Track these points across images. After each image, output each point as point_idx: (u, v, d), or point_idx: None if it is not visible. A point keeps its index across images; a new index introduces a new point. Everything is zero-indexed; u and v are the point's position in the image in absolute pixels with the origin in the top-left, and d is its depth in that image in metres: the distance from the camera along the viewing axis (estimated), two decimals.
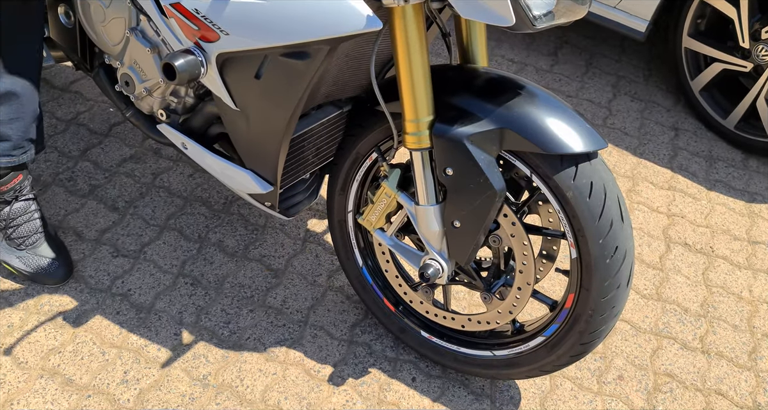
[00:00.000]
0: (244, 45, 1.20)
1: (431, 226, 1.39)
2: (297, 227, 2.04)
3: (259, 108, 1.33)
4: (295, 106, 1.28)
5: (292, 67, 1.22)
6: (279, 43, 1.17)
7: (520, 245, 1.39)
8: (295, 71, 1.23)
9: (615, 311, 1.38)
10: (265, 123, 1.35)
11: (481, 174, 1.29)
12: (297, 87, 1.25)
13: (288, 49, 1.19)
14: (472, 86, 1.33)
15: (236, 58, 1.28)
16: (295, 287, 1.88)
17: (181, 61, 1.24)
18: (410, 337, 1.71)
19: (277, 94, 1.28)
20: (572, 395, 1.72)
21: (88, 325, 1.71)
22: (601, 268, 1.32)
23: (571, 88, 2.77)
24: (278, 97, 1.28)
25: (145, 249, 1.91)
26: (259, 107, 1.33)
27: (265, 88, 1.28)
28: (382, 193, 1.46)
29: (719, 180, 2.44)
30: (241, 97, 1.34)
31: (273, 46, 1.18)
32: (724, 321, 1.96)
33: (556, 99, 1.31)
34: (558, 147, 1.24)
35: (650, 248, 2.15)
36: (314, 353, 1.73)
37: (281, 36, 1.15)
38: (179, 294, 1.82)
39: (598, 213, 1.29)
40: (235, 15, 1.17)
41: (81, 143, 2.19)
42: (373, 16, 1.11)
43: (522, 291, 1.45)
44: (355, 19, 1.10)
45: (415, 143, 1.31)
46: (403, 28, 1.22)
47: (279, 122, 1.33)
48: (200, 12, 1.20)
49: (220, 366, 1.67)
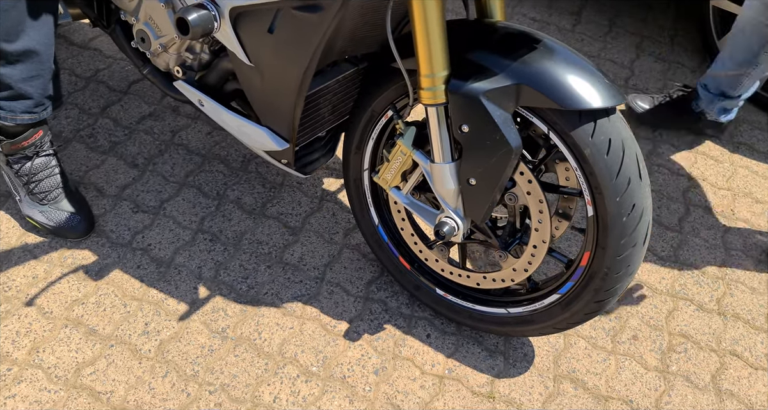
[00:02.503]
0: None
1: (447, 184, 1.39)
2: (314, 185, 2.05)
3: (273, 64, 1.32)
4: (309, 61, 1.28)
5: (305, 21, 1.21)
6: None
7: (535, 203, 1.39)
8: (307, 25, 1.21)
9: (630, 269, 1.38)
10: (278, 79, 1.35)
11: (496, 131, 1.28)
12: (310, 41, 1.24)
13: (301, 2, 1.18)
14: (489, 41, 1.32)
15: (249, 13, 1.27)
16: (311, 245, 1.90)
17: (194, 15, 1.24)
18: (425, 295, 1.72)
19: (290, 49, 1.27)
20: (586, 353, 1.73)
21: (110, 278, 1.75)
22: (617, 226, 1.31)
23: (593, 48, 2.72)
24: (291, 52, 1.27)
25: (164, 205, 1.94)
26: (273, 62, 1.32)
27: (278, 42, 1.28)
28: (398, 151, 1.45)
29: (743, 142, 2.40)
30: (254, 52, 1.33)
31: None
32: (742, 283, 1.95)
33: (574, 54, 1.29)
34: (576, 103, 1.23)
35: (669, 211, 2.13)
36: (330, 308, 1.75)
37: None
38: (198, 250, 1.84)
39: (616, 171, 1.27)
40: None
41: (101, 100, 2.21)
42: None
43: (537, 249, 1.45)
44: None
45: (430, 98, 1.30)
46: None
47: (293, 78, 1.32)
48: None
49: (239, 319, 1.71)
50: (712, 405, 1.66)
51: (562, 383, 1.67)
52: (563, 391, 1.65)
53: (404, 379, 1.63)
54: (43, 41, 1.63)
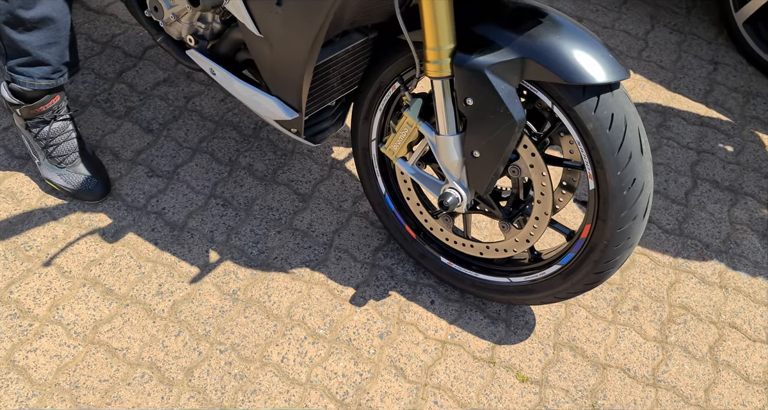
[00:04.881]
0: None
1: (451, 156, 1.42)
2: (324, 153, 2.09)
3: (282, 35, 1.35)
4: (317, 32, 1.30)
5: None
6: None
7: (538, 175, 1.41)
8: None
9: (630, 242, 1.41)
10: (287, 50, 1.37)
11: (501, 104, 1.30)
12: (317, 13, 1.26)
13: None
14: (496, 15, 1.33)
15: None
16: (321, 212, 1.94)
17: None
18: (430, 262, 1.77)
19: (298, 21, 1.29)
20: (586, 323, 1.77)
21: (126, 240, 1.81)
22: (618, 199, 1.34)
23: (607, 18, 2.70)
24: (299, 24, 1.30)
25: (178, 170, 1.98)
26: (282, 33, 1.34)
27: (286, 14, 1.30)
28: (404, 122, 1.48)
29: (755, 117, 2.39)
30: (264, 23, 1.36)
31: None
32: (745, 257, 1.97)
33: (580, 28, 1.30)
34: (579, 77, 1.24)
35: (676, 184, 2.14)
36: (338, 274, 1.81)
37: None
38: (211, 214, 1.89)
39: (618, 145, 1.29)
40: None
41: (116, 65, 2.24)
42: None
43: (539, 221, 1.48)
44: None
45: (436, 71, 1.32)
46: None
47: (301, 49, 1.35)
48: None
49: (249, 282, 1.76)
50: (708, 375, 1.71)
51: (561, 350, 1.72)
52: (562, 358, 1.70)
53: (408, 343, 1.69)
54: (59, 8, 1.66)
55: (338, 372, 1.62)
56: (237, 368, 1.60)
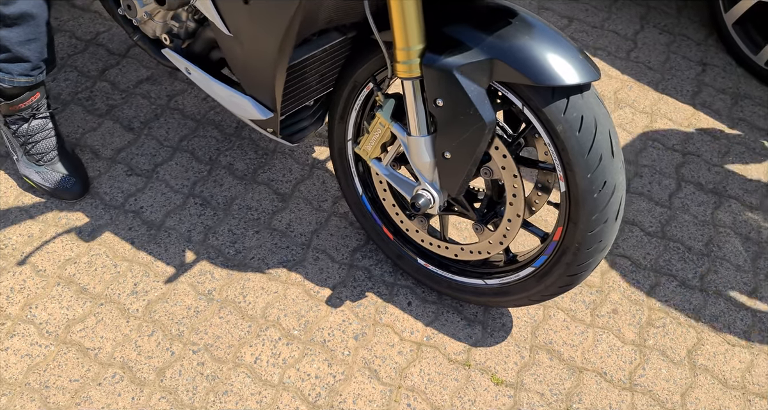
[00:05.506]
0: None
1: (422, 157, 1.41)
2: (305, 153, 2.08)
3: (251, 34, 1.34)
4: (285, 31, 1.29)
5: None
6: None
7: (510, 177, 1.40)
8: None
9: (602, 245, 1.40)
10: (257, 49, 1.36)
11: (470, 105, 1.29)
12: (284, 13, 1.25)
13: None
14: (467, 15, 1.31)
15: None
16: (300, 212, 1.93)
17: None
18: (407, 264, 1.76)
19: (266, 21, 1.28)
20: (564, 325, 1.76)
21: (102, 239, 1.80)
22: (588, 202, 1.33)
23: (597, 18, 2.68)
24: (267, 24, 1.29)
25: (157, 169, 1.98)
26: (250, 33, 1.34)
27: (253, 13, 1.29)
28: (377, 123, 1.47)
29: (743, 119, 2.38)
30: (232, 22, 1.35)
31: None
32: (727, 260, 1.96)
33: (551, 29, 1.29)
34: (548, 79, 1.23)
35: (660, 186, 2.13)
36: (315, 275, 1.80)
37: None
38: (189, 213, 1.89)
39: (588, 147, 1.28)
40: None
41: (99, 63, 2.23)
42: None
43: (512, 223, 1.47)
44: None
45: (405, 72, 1.31)
46: None
47: (271, 49, 1.34)
48: None
49: (225, 282, 1.75)
50: (685, 379, 1.69)
51: (538, 353, 1.70)
52: (538, 361, 1.69)
53: (383, 345, 1.68)
54: (38, 4, 1.65)
55: (311, 373, 1.61)
56: (209, 369, 1.60)
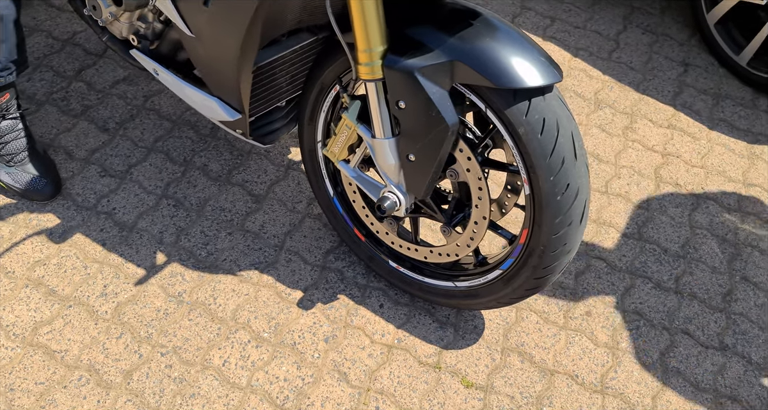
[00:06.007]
0: None
1: (387, 159, 1.40)
2: (281, 153, 2.07)
3: (212, 36, 1.33)
4: (246, 34, 1.28)
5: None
6: None
7: (475, 180, 1.39)
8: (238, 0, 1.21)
9: (567, 248, 1.39)
10: (219, 51, 1.35)
11: (432, 107, 1.28)
12: (244, 15, 1.24)
13: None
14: (431, 16, 1.30)
15: None
16: (274, 213, 1.92)
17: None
18: (379, 266, 1.75)
19: (225, 23, 1.27)
20: (536, 328, 1.75)
21: (73, 240, 1.79)
22: (552, 205, 1.32)
23: (579, 18, 2.67)
24: (227, 25, 1.28)
25: (131, 170, 1.97)
26: (211, 34, 1.33)
27: (212, 15, 1.28)
28: (343, 124, 1.46)
29: (723, 119, 2.36)
30: (194, 23, 1.34)
31: None
32: (703, 262, 1.95)
33: (514, 30, 1.28)
34: (509, 81, 1.22)
35: (639, 188, 2.12)
36: (287, 277, 1.79)
37: None
38: (161, 215, 1.88)
39: (550, 150, 1.27)
40: None
41: (76, 63, 2.22)
42: None
43: (479, 226, 1.46)
44: None
45: (368, 73, 1.30)
46: None
47: (232, 51, 1.32)
48: None
49: (196, 284, 1.75)
50: (656, 381, 1.68)
51: (509, 356, 1.70)
52: (509, 364, 1.68)
53: (353, 347, 1.67)
54: (7, 5, 1.64)
55: (280, 376, 1.60)
56: (177, 371, 1.59)
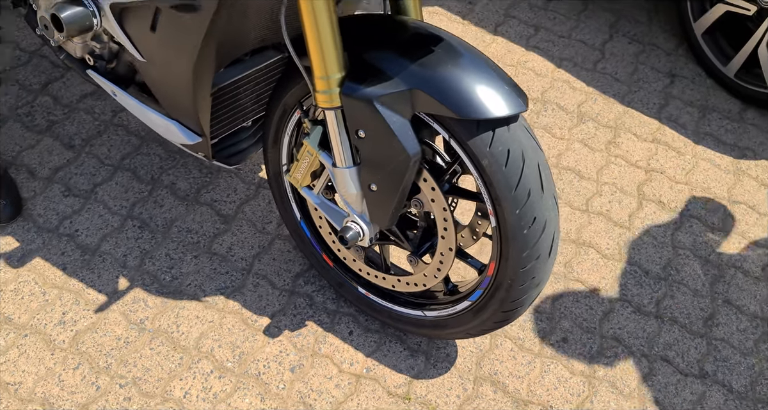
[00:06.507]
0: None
1: (349, 188, 1.34)
2: (252, 171, 2.01)
3: (163, 61, 1.27)
4: (198, 58, 1.22)
5: (183, 21, 1.15)
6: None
7: (440, 210, 1.33)
8: (186, 25, 1.15)
9: (536, 281, 1.33)
10: (171, 76, 1.29)
11: (392, 137, 1.22)
12: (191, 41, 1.18)
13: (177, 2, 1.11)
14: (393, 41, 1.24)
15: (131, 9, 1.20)
16: (243, 234, 1.86)
17: (68, 12, 1.18)
18: (348, 292, 1.69)
19: (174, 48, 1.21)
20: (511, 355, 1.70)
21: (32, 264, 1.73)
22: (518, 239, 1.26)
23: (564, 27, 2.60)
24: (177, 51, 1.22)
25: (96, 189, 1.91)
26: (162, 59, 1.26)
27: (161, 41, 1.22)
28: (305, 151, 1.40)
29: (709, 133, 2.30)
30: (144, 48, 1.28)
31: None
32: (685, 285, 1.89)
33: (477, 57, 1.22)
34: (471, 111, 1.16)
35: (621, 205, 2.06)
36: (254, 302, 1.73)
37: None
38: (126, 237, 1.82)
39: (515, 183, 1.21)
40: None
41: (42, 76, 2.16)
42: None
43: (445, 256, 1.40)
44: None
45: (326, 102, 1.24)
46: None
47: (185, 76, 1.26)
48: None
49: (159, 310, 1.69)
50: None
51: (482, 385, 1.64)
52: (482, 394, 1.62)
53: (320, 377, 1.61)
54: None
55: (243, 409, 1.55)
56: (136, 404, 1.53)
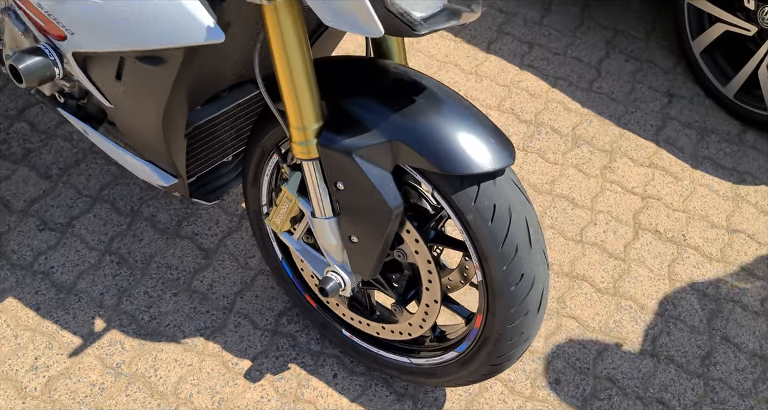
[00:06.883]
0: (92, 46, 1.07)
1: (328, 239, 1.28)
2: (235, 201, 1.94)
3: (130, 109, 1.20)
4: (166, 105, 1.15)
5: (150, 72, 1.08)
6: (122, 48, 1.03)
7: (424, 263, 1.27)
8: (153, 76, 1.09)
9: (524, 336, 1.27)
10: (141, 122, 1.23)
11: (373, 190, 1.15)
12: (159, 91, 1.11)
13: (138, 54, 1.05)
14: (373, 88, 1.18)
15: (95, 57, 1.14)
16: (224, 270, 1.80)
17: (26, 63, 1.12)
18: (332, 334, 1.63)
19: (142, 97, 1.15)
20: (501, 399, 1.64)
21: (4, 305, 1.67)
22: (505, 295, 1.20)
23: (560, 44, 2.53)
24: (144, 100, 1.15)
25: (73, 222, 1.84)
26: (130, 107, 1.20)
27: (128, 90, 1.15)
28: (284, 197, 1.34)
29: (708, 157, 2.24)
30: (110, 96, 1.21)
31: (119, 50, 1.04)
32: (681, 321, 1.83)
33: (462, 105, 1.15)
34: (455, 167, 1.10)
35: (615, 236, 1.99)
36: (235, 343, 1.67)
37: (123, 41, 1.01)
38: (103, 274, 1.75)
39: (502, 239, 1.15)
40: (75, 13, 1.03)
41: (19, 101, 2.09)
42: (213, 27, 0.95)
43: (430, 308, 1.34)
44: (193, 29, 0.95)
45: (303, 153, 1.18)
46: (277, 26, 1.06)
47: (154, 123, 1.20)
48: (43, 7, 1.06)
49: (136, 353, 1.63)
50: None
51: None
52: None
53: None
54: None
55: None
56: None
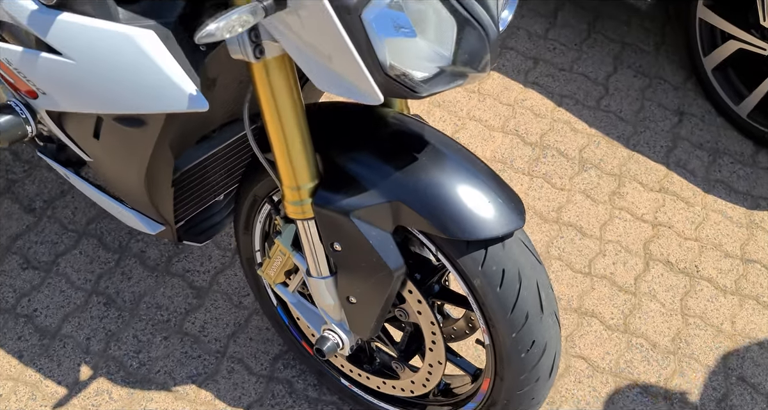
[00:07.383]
0: (66, 107, 0.98)
1: (325, 299, 1.20)
2: (228, 235, 1.86)
3: (110, 166, 1.12)
4: (148, 165, 1.07)
5: (130, 133, 1.00)
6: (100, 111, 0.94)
7: (427, 324, 1.19)
8: (133, 137, 1.00)
9: (534, 401, 1.19)
10: (123, 178, 1.14)
11: (372, 252, 1.07)
12: (141, 151, 1.03)
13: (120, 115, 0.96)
14: (371, 141, 1.09)
15: (71, 114, 1.05)
16: (217, 310, 1.72)
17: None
18: (329, 382, 1.55)
19: (121, 156, 1.07)
20: None
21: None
22: (515, 362, 1.12)
23: (565, 59, 2.44)
24: (124, 159, 1.07)
25: (58, 260, 1.76)
26: (109, 164, 1.11)
27: (106, 148, 1.07)
28: (277, 250, 1.25)
29: (720, 180, 2.15)
30: (89, 151, 1.13)
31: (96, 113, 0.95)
32: (695, 359, 1.75)
33: (469, 162, 1.07)
34: (461, 232, 1.01)
35: (625, 267, 1.91)
36: (228, 391, 1.59)
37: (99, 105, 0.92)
38: (90, 316, 1.67)
39: (511, 305, 1.07)
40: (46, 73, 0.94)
41: None
42: (196, 95, 0.87)
43: (434, 368, 1.26)
44: (175, 98, 0.86)
45: (297, 213, 1.10)
46: (267, 85, 0.97)
47: (135, 179, 1.12)
48: (12, 63, 0.97)
49: (124, 403, 1.55)
50: None
51: None
52: None
53: None
54: None
55: None
56: None
